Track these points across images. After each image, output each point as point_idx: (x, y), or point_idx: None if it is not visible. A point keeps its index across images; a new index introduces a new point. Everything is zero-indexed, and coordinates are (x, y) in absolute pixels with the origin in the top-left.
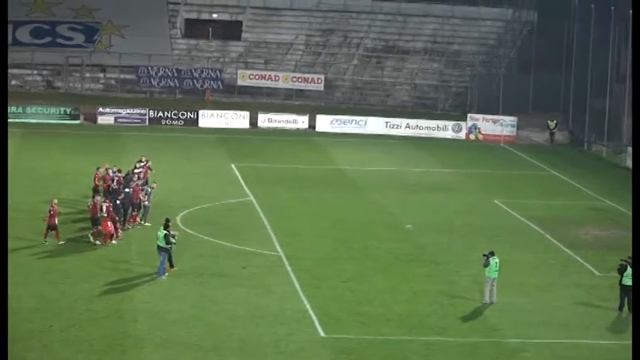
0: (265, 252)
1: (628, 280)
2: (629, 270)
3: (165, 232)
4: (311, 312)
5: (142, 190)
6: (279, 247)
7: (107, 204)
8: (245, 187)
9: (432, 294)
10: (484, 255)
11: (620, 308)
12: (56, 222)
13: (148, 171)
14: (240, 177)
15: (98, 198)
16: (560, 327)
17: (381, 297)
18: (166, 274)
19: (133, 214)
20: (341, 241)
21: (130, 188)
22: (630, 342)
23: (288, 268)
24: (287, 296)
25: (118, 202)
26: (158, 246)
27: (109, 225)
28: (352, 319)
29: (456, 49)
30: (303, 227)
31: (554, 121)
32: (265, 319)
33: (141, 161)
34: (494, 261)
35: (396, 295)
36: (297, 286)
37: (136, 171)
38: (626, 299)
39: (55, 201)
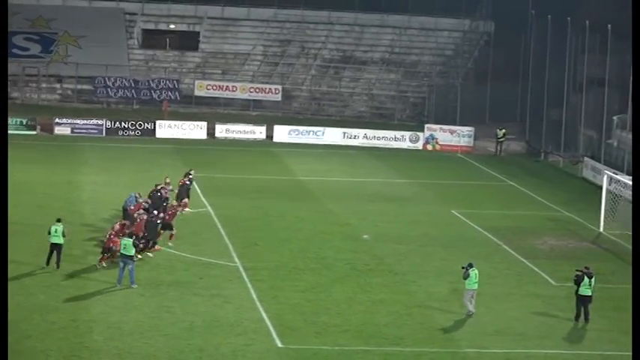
0: (222, 262)
1: (585, 290)
2: (586, 280)
3: (131, 239)
4: (268, 322)
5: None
6: (236, 258)
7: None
8: (202, 198)
9: (389, 304)
10: (463, 267)
11: (577, 318)
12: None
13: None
14: (197, 187)
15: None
16: (517, 337)
17: (338, 307)
18: (136, 285)
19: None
20: (298, 251)
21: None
22: (587, 352)
23: (246, 279)
24: (244, 306)
25: (159, 222)
26: (123, 255)
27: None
28: (309, 330)
29: (413, 60)
30: (261, 238)
31: (503, 131)
32: (223, 330)
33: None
34: (474, 272)
35: (353, 306)
36: (255, 296)
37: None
38: (582, 309)
39: (117, 226)
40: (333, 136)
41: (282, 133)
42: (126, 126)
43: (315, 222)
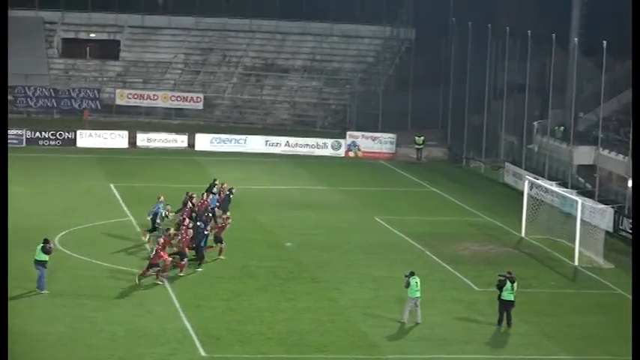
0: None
1: (507, 295)
2: (509, 285)
3: (43, 245)
4: (191, 331)
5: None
6: None
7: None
8: (124, 207)
9: (312, 311)
10: (405, 276)
11: (499, 323)
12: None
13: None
14: (119, 197)
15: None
16: (440, 342)
17: (262, 315)
18: (46, 290)
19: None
20: (221, 259)
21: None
22: (509, 357)
23: (169, 288)
24: (167, 316)
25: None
26: (36, 260)
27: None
28: (233, 338)
29: (334, 67)
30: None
31: (422, 137)
32: (146, 340)
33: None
34: (415, 281)
35: (276, 314)
36: (178, 305)
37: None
38: (504, 314)
39: (161, 240)
40: (255, 144)
41: (204, 142)
42: (46, 136)
43: (238, 230)
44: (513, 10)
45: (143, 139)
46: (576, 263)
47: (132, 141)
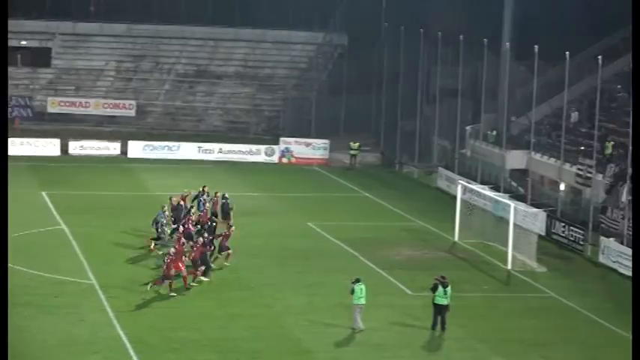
0: (78, 280)
1: (440, 300)
2: (441, 289)
3: None
4: (125, 339)
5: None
6: (91, 275)
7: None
8: (56, 215)
9: (246, 318)
10: (352, 282)
11: (433, 327)
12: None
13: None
14: (51, 205)
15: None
16: (375, 347)
17: (195, 322)
18: None
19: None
20: (154, 266)
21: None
22: None
23: (102, 296)
24: (100, 324)
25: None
26: None
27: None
28: (166, 345)
29: (267, 73)
30: (116, 254)
31: (357, 144)
32: (78, 348)
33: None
34: (359, 287)
35: (210, 320)
36: (111, 313)
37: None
38: (439, 318)
39: (172, 250)
40: (188, 150)
41: (137, 149)
42: None
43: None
44: (445, 15)
45: (75, 147)
46: (509, 267)
47: (64, 149)
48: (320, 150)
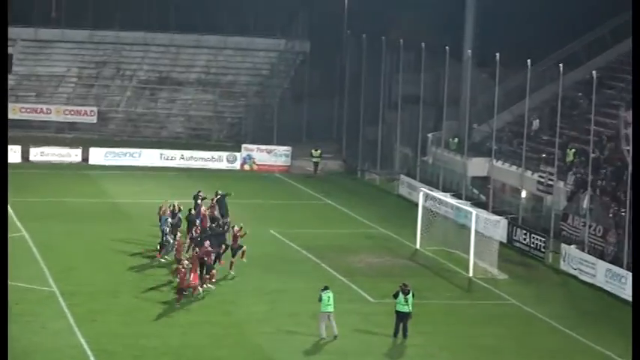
0: (39, 288)
1: (401, 307)
2: (401, 296)
3: None
4: (86, 347)
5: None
6: (53, 283)
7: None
8: (17, 223)
9: (207, 325)
10: (321, 290)
11: (395, 334)
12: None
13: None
14: (12, 212)
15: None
16: (338, 355)
17: (157, 330)
18: None
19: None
20: (116, 274)
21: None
22: None
23: (63, 304)
24: (61, 332)
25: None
26: None
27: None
28: (128, 353)
29: (229, 80)
30: (78, 261)
31: (318, 151)
32: (39, 356)
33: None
34: (327, 295)
35: (171, 328)
36: (72, 321)
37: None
38: (400, 325)
39: (185, 262)
40: (150, 157)
41: (98, 156)
42: None
43: (133, 245)
44: (407, 22)
45: (36, 154)
46: (471, 274)
47: (25, 155)
48: (282, 157)
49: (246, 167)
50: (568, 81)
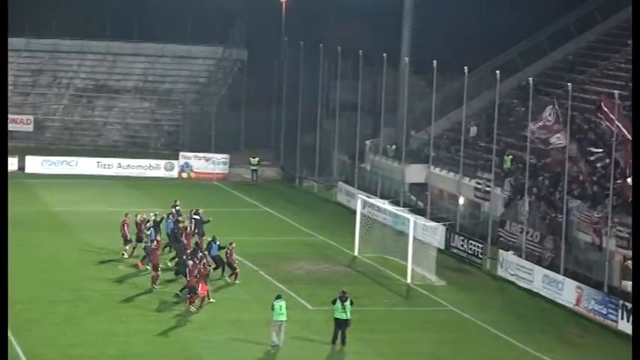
0: None
1: (339, 314)
2: (339, 304)
3: None
4: (23, 357)
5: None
6: None
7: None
8: None
9: (146, 334)
10: (274, 299)
11: (333, 342)
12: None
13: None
14: None
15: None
16: None
17: (94, 339)
18: None
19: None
20: (53, 283)
21: None
22: None
23: None
24: None
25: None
26: None
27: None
28: None
29: (167, 88)
30: (14, 270)
31: (257, 159)
32: None
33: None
34: (279, 304)
35: (109, 337)
36: (9, 330)
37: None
38: (339, 332)
39: (195, 272)
40: (87, 166)
41: (35, 164)
42: None
43: (70, 253)
44: (345, 29)
45: None
46: (409, 281)
47: None
48: (220, 165)
49: (184, 175)
50: (505, 88)
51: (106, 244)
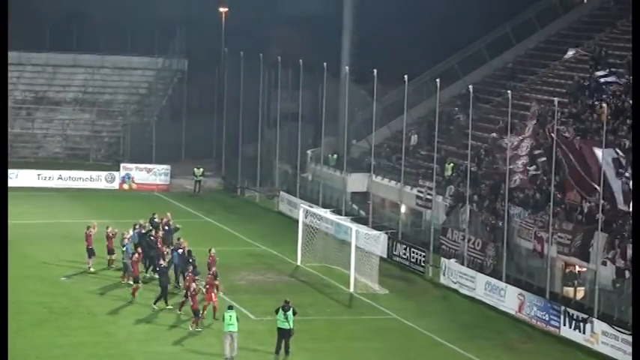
0: None
1: (281, 324)
2: (281, 313)
3: None
4: None
5: None
6: None
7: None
8: None
9: (88, 346)
10: (226, 309)
11: (277, 351)
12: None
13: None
14: None
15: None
16: None
17: (37, 352)
18: None
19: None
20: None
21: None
22: None
23: None
24: None
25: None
26: None
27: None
28: None
29: (107, 99)
30: None
31: (201, 169)
32: None
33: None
34: (229, 315)
35: (51, 349)
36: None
37: None
38: (282, 342)
39: (194, 285)
40: (27, 178)
41: None
42: None
43: (10, 266)
44: (285, 39)
45: None
46: (352, 290)
47: None
48: (161, 175)
49: (125, 186)
50: (445, 96)
51: (47, 257)
